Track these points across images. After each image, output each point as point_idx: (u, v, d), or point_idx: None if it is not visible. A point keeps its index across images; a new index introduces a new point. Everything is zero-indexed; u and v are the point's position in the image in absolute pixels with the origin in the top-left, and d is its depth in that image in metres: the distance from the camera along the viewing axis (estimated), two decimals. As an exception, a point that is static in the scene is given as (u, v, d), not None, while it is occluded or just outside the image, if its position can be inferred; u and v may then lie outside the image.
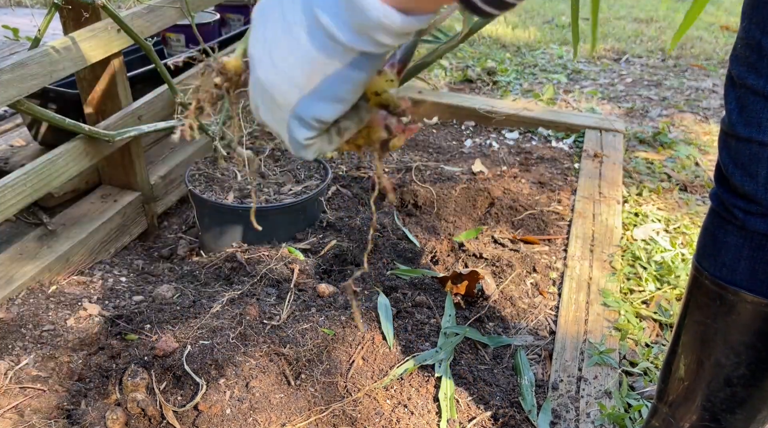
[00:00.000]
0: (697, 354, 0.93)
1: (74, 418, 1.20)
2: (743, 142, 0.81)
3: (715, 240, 0.88)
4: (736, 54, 0.82)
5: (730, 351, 0.89)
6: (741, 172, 0.83)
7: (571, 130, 2.49)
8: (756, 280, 0.85)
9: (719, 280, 0.88)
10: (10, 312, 1.40)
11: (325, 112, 0.50)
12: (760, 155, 0.80)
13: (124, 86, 1.68)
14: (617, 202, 2.00)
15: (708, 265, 0.89)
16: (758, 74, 0.78)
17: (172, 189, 1.94)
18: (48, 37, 1.80)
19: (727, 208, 0.86)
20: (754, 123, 0.80)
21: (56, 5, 1.45)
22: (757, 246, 0.84)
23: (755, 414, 0.93)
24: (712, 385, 0.92)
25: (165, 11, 1.74)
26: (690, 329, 0.94)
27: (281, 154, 1.91)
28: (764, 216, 0.82)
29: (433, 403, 1.27)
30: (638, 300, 1.61)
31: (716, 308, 0.89)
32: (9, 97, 1.36)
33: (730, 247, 0.86)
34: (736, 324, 0.87)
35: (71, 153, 1.54)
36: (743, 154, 0.82)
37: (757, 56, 0.77)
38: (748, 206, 0.83)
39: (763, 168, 0.80)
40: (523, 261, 1.70)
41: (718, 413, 0.93)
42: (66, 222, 1.67)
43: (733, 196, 0.85)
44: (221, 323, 1.37)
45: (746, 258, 0.85)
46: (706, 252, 0.90)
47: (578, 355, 1.41)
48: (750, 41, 0.78)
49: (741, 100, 0.81)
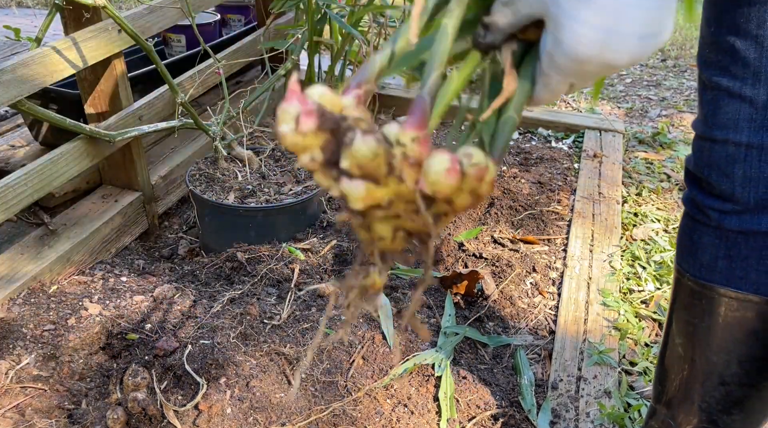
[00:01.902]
0: (689, 354, 0.94)
1: (75, 418, 1.20)
2: (719, 143, 0.83)
3: (692, 242, 0.90)
4: (704, 59, 0.83)
5: (719, 348, 0.89)
6: (717, 172, 0.84)
7: (571, 130, 2.49)
8: (734, 277, 0.86)
9: (700, 280, 0.89)
10: (11, 311, 1.40)
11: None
12: (736, 155, 0.82)
13: (125, 86, 1.68)
14: (617, 202, 2.00)
15: (688, 266, 0.91)
16: (733, 76, 0.79)
17: (172, 189, 1.95)
18: (49, 37, 1.80)
19: (701, 209, 0.87)
20: (731, 124, 0.81)
21: (57, 6, 1.45)
22: (733, 243, 0.85)
23: (752, 414, 0.94)
24: (706, 385, 0.93)
25: (166, 12, 1.74)
26: (678, 330, 0.95)
27: (281, 153, 1.91)
28: (739, 214, 0.84)
29: (433, 403, 1.28)
30: (638, 299, 1.61)
31: (701, 307, 0.90)
32: (10, 97, 1.36)
33: (706, 247, 0.87)
34: (721, 321, 0.88)
35: (72, 153, 1.54)
36: (719, 156, 0.83)
37: (731, 59, 0.79)
38: (722, 205, 0.84)
39: (740, 167, 0.82)
40: (522, 261, 1.71)
41: (715, 414, 0.94)
42: (67, 222, 1.67)
43: (708, 196, 0.86)
44: (222, 323, 1.37)
45: (723, 257, 0.86)
46: (684, 254, 0.92)
47: (578, 355, 1.42)
48: (722, 45, 0.79)
49: (715, 103, 0.82)
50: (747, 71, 0.78)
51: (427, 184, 0.38)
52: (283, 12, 2.30)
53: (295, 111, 0.39)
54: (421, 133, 0.39)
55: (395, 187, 0.39)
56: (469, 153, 0.39)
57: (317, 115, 0.39)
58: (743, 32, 0.77)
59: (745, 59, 0.78)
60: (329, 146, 0.39)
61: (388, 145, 0.38)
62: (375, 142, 0.38)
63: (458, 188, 0.39)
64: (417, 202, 0.39)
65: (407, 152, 0.38)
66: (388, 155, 0.38)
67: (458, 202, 0.40)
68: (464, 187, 0.39)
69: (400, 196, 0.39)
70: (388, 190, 0.39)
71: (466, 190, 0.39)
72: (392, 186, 0.39)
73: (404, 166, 0.38)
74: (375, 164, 0.38)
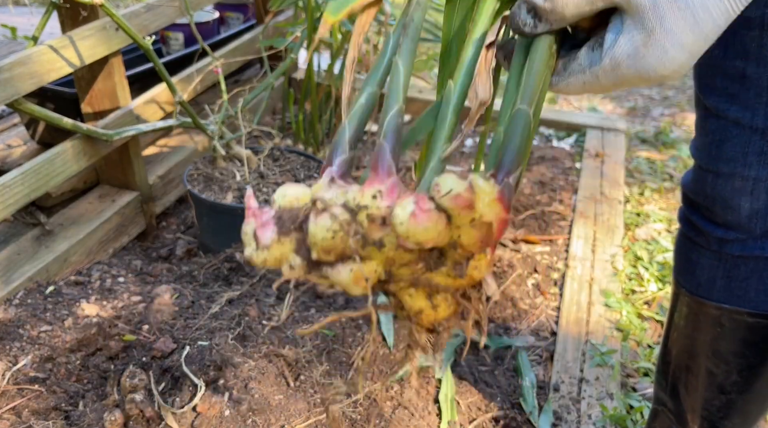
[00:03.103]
0: (688, 365, 0.93)
1: (72, 419, 1.19)
2: (725, 177, 0.77)
3: (689, 261, 0.87)
4: (707, 84, 0.77)
5: (719, 360, 0.88)
6: (721, 204, 0.79)
7: (573, 129, 2.48)
8: (733, 296, 0.84)
9: (698, 297, 0.87)
10: (7, 312, 1.39)
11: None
12: (743, 189, 0.76)
13: (122, 85, 1.67)
14: (619, 202, 1.99)
15: (685, 282, 0.89)
16: (743, 105, 0.73)
17: (170, 189, 1.93)
18: (46, 35, 1.79)
19: (700, 231, 0.84)
20: (738, 157, 0.75)
21: (54, 4, 1.44)
22: (733, 265, 0.82)
23: (750, 416, 0.93)
24: (707, 394, 0.92)
25: (163, 10, 1.73)
26: (677, 342, 0.94)
27: (280, 153, 1.90)
28: (742, 241, 0.80)
29: (434, 405, 1.26)
30: (640, 300, 1.60)
31: (699, 321, 0.88)
32: (7, 96, 1.35)
33: (704, 268, 0.85)
34: (721, 335, 0.86)
35: (69, 152, 1.53)
36: (723, 189, 0.78)
37: (740, 86, 0.73)
38: (726, 234, 0.81)
39: (746, 200, 0.77)
40: (524, 262, 1.69)
41: (717, 421, 0.93)
42: (64, 222, 1.66)
43: (708, 222, 0.82)
44: (220, 324, 1.36)
45: (722, 277, 0.84)
46: (681, 270, 0.89)
47: (580, 356, 1.40)
48: (728, 71, 0.73)
49: (722, 133, 0.76)
50: (759, 100, 0.72)
51: (403, 239, 0.33)
52: (282, 10, 2.28)
53: (251, 229, 0.36)
54: (384, 184, 0.34)
55: (381, 255, 0.34)
56: (435, 183, 0.34)
57: (275, 222, 0.35)
58: (755, 57, 0.70)
59: (758, 87, 0.72)
60: (303, 245, 0.35)
61: (351, 214, 0.34)
62: (328, 219, 0.33)
63: (449, 228, 0.33)
64: (415, 263, 0.34)
65: (372, 213, 0.33)
66: (350, 225, 0.34)
67: (466, 241, 0.34)
68: (458, 223, 0.33)
69: (394, 260, 0.35)
70: (376, 261, 0.35)
71: (462, 224, 0.34)
72: (376, 255, 0.34)
73: (373, 230, 0.33)
74: (340, 241, 0.34)
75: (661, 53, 0.40)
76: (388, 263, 0.35)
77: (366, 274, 0.34)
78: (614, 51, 0.41)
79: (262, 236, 0.35)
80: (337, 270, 0.34)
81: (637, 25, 0.40)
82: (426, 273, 0.35)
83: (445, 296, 0.36)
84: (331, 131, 2.28)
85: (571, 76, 0.45)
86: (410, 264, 0.35)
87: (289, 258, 0.35)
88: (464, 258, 0.35)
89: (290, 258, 0.35)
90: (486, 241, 0.34)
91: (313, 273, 0.36)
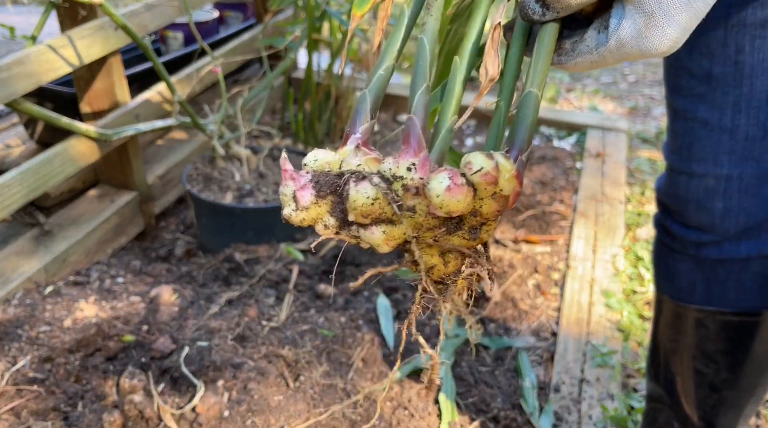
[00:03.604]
0: (677, 367, 0.94)
1: (71, 420, 1.19)
2: (697, 177, 0.78)
3: (668, 267, 0.88)
4: (674, 85, 0.77)
5: (707, 360, 0.89)
6: (694, 206, 0.80)
7: (573, 129, 2.47)
8: (713, 297, 0.85)
9: (679, 302, 0.88)
10: (6, 313, 1.39)
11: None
12: (715, 189, 0.77)
13: (121, 85, 1.67)
14: (620, 202, 1.98)
15: (666, 288, 0.90)
16: (710, 105, 0.73)
17: (169, 189, 1.93)
18: (45, 35, 1.78)
19: (675, 237, 0.84)
20: (709, 158, 0.76)
21: (53, 3, 1.43)
22: (710, 269, 0.83)
23: (743, 410, 0.94)
24: (699, 393, 0.93)
25: (163, 9, 1.72)
26: (664, 346, 0.95)
27: (280, 153, 1.89)
28: (718, 243, 0.80)
29: (434, 405, 1.26)
30: (641, 301, 1.59)
31: (683, 324, 0.89)
32: (5, 96, 1.34)
33: (683, 273, 0.86)
34: (706, 336, 0.88)
35: (68, 152, 1.52)
36: (696, 190, 0.79)
37: (707, 86, 0.73)
38: (700, 237, 0.81)
39: (719, 200, 0.77)
40: (524, 262, 1.69)
41: (712, 418, 0.94)
42: (63, 222, 1.65)
43: (682, 226, 0.83)
44: (219, 324, 1.36)
45: (701, 281, 0.84)
46: (661, 276, 0.90)
47: (580, 357, 1.40)
48: (695, 71, 0.73)
49: (691, 134, 0.77)
50: (726, 100, 0.72)
51: (436, 208, 0.39)
52: (281, 9, 2.28)
53: (290, 191, 0.40)
54: (417, 157, 0.39)
55: (412, 220, 0.40)
56: (468, 161, 0.39)
57: (312, 185, 0.40)
58: (720, 57, 0.71)
59: (725, 87, 0.72)
60: (338, 207, 0.40)
61: (387, 183, 0.39)
62: (370, 187, 0.39)
63: (474, 199, 0.39)
64: (439, 228, 0.39)
65: (407, 184, 0.39)
66: (388, 193, 0.39)
67: (486, 210, 0.40)
68: (482, 196, 0.39)
69: (422, 225, 0.40)
70: (406, 225, 0.40)
71: (485, 196, 0.39)
72: (408, 220, 0.40)
73: (408, 198, 0.38)
74: (378, 207, 0.39)
75: (660, 33, 0.44)
76: (416, 227, 0.40)
77: (396, 236, 0.40)
78: (619, 33, 0.45)
79: (302, 198, 0.40)
80: (371, 231, 0.40)
81: (637, 9, 0.44)
82: (446, 236, 0.40)
83: (455, 254, 0.42)
84: (331, 131, 2.28)
85: (580, 56, 0.48)
86: (434, 229, 0.40)
87: (324, 219, 0.41)
88: (479, 224, 0.41)
89: (326, 218, 0.41)
90: (501, 211, 0.40)
91: (343, 232, 0.41)
